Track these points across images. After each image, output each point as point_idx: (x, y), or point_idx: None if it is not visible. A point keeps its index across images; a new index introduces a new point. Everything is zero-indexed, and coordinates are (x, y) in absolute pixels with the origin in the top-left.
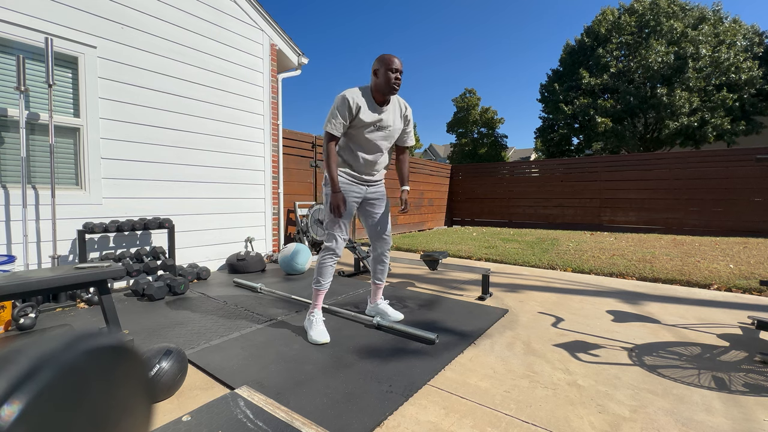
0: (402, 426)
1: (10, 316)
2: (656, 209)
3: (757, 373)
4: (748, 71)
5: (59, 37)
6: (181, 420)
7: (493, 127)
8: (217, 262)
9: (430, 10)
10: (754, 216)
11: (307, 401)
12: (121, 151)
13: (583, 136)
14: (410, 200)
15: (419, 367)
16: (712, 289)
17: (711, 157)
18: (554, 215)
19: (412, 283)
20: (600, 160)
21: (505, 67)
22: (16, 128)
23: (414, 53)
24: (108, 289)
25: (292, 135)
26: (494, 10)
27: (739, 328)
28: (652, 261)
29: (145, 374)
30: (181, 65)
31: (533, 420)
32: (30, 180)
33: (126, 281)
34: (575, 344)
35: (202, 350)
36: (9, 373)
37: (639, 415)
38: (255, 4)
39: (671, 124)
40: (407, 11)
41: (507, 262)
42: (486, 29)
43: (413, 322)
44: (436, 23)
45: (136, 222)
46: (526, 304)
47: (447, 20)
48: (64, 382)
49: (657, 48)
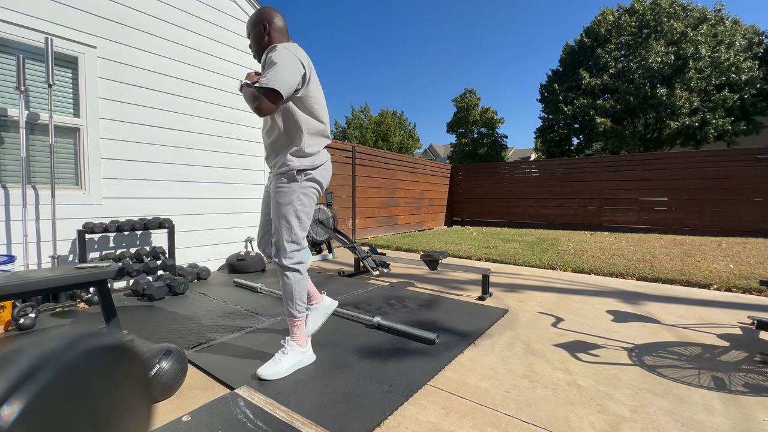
0: (402, 426)
1: (10, 316)
2: (656, 209)
3: (757, 373)
4: (748, 71)
5: (59, 37)
6: (181, 420)
7: (493, 127)
8: (217, 262)
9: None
10: (754, 216)
11: (307, 401)
12: (121, 151)
13: (583, 136)
14: (410, 200)
15: (419, 367)
16: (712, 289)
17: (711, 157)
18: (554, 215)
19: (412, 283)
20: (600, 160)
21: (505, 67)
22: (16, 128)
23: (417, 53)
24: (108, 289)
25: None
26: (493, 8)
27: (739, 328)
28: (652, 261)
29: (145, 374)
30: (181, 65)
31: (533, 420)
32: (30, 180)
33: (126, 281)
34: (575, 344)
35: (202, 350)
36: (9, 373)
37: (639, 415)
38: (255, 4)
39: (672, 124)
40: (409, 13)
41: (507, 262)
42: (486, 29)
43: (413, 322)
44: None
45: (136, 222)
46: (526, 304)
47: (448, 19)
48: (64, 382)
49: (657, 48)
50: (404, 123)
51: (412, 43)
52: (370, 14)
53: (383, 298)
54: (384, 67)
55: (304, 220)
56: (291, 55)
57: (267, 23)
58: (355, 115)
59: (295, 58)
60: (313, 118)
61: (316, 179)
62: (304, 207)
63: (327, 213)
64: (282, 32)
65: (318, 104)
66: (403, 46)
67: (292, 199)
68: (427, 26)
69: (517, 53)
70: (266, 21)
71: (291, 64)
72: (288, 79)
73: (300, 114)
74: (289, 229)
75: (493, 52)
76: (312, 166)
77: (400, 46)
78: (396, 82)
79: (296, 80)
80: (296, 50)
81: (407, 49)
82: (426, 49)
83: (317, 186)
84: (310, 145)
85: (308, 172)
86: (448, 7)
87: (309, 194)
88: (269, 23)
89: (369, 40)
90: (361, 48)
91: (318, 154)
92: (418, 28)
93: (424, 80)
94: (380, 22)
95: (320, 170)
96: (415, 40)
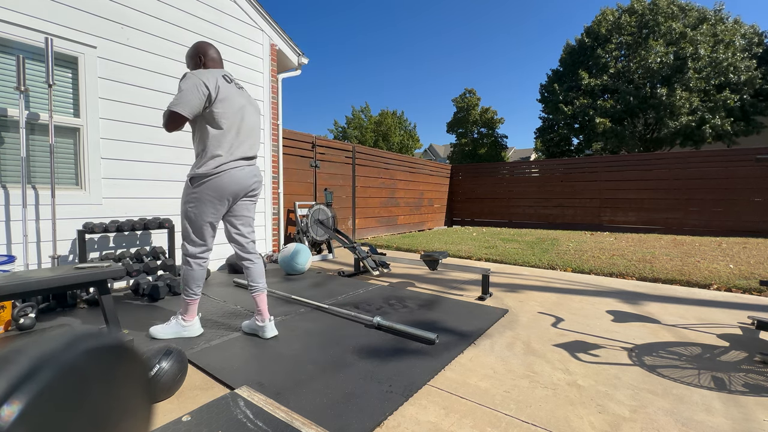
0: (402, 426)
1: (10, 316)
2: (656, 209)
3: (757, 373)
4: (747, 71)
5: (59, 37)
6: (181, 420)
7: (493, 127)
8: (217, 262)
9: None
10: (754, 216)
11: (307, 401)
12: (121, 151)
13: (583, 137)
14: (410, 200)
15: (419, 367)
16: (712, 289)
17: (711, 157)
18: (554, 215)
19: (412, 283)
20: (600, 160)
21: (505, 67)
22: (16, 128)
23: (417, 52)
24: (108, 289)
25: (292, 135)
26: (495, 10)
27: (739, 328)
28: (652, 261)
29: (145, 374)
30: (181, 65)
31: (533, 420)
32: (30, 180)
33: (126, 281)
34: (575, 344)
35: (202, 350)
36: (9, 373)
37: (639, 415)
38: (255, 4)
39: (671, 123)
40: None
41: (507, 262)
42: (486, 29)
43: (413, 322)
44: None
45: (136, 222)
46: (526, 304)
47: (448, 19)
48: (64, 382)
49: (656, 48)
50: (404, 123)
51: (414, 46)
52: (376, 19)
53: (383, 298)
54: (385, 68)
55: (195, 222)
56: (197, 81)
57: (202, 55)
58: (355, 114)
59: (201, 83)
60: (218, 131)
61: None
62: (197, 210)
63: (327, 213)
64: (216, 61)
65: (225, 119)
66: (405, 49)
67: (187, 201)
68: (430, 29)
69: (518, 54)
70: (201, 54)
71: (195, 88)
72: (190, 101)
73: (207, 127)
74: (186, 228)
75: (494, 53)
76: (207, 174)
77: (402, 50)
78: (397, 83)
79: (199, 101)
80: (208, 75)
81: (409, 51)
82: (427, 51)
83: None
84: (214, 155)
85: (206, 180)
86: (450, 11)
87: (203, 200)
88: (204, 55)
89: (373, 44)
90: (364, 51)
91: (221, 165)
92: (421, 31)
93: (425, 81)
94: (385, 26)
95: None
96: (416, 44)
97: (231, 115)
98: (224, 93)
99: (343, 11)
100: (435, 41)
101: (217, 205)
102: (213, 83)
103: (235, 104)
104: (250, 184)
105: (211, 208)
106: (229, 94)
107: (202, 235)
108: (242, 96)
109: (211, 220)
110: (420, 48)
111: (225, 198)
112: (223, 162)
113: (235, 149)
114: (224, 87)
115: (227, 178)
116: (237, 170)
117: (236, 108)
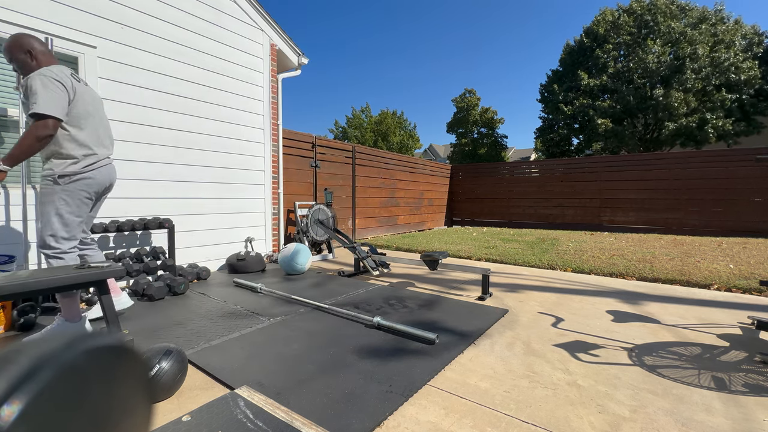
0: (402, 426)
1: (10, 316)
2: (656, 209)
3: (757, 373)
4: (747, 71)
5: (59, 37)
6: (181, 420)
7: (493, 127)
8: (217, 262)
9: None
10: (754, 216)
11: (307, 401)
12: (121, 151)
13: (582, 137)
14: (410, 200)
15: (419, 367)
16: (712, 289)
17: (711, 157)
18: (554, 215)
19: (412, 283)
20: (600, 160)
21: (505, 68)
22: (16, 128)
23: (417, 52)
24: (108, 289)
25: (292, 135)
26: (497, 11)
27: (739, 328)
28: (652, 261)
29: (145, 374)
30: (180, 65)
31: (533, 420)
32: (30, 180)
33: (126, 281)
34: (575, 344)
35: (202, 350)
36: (9, 373)
37: (639, 415)
38: (255, 4)
39: (670, 125)
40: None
41: (507, 262)
42: (487, 31)
43: (413, 322)
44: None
45: (136, 222)
46: (526, 304)
47: (448, 20)
48: (64, 382)
49: (654, 48)
50: (404, 123)
51: (415, 48)
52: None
53: (383, 298)
54: (386, 69)
55: (66, 217)
56: (52, 81)
57: (30, 49)
58: (355, 115)
59: (58, 83)
60: (78, 129)
61: (81, 183)
62: (68, 207)
63: (327, 213)
64: (47, 54)
65: (83, 118)
66: (407, 51)
67: (53, 199)
68: (432, 32)
69: (518, 55)
70: (28, 48)
71: (56, 88)
72: (58, 101)
73: (66, 126)
74: (50, 224)
75: (495, 54)
76: (75, 172)
77: (404, 51)
78: (397, 84)
79: (65, 100)
80: (60, 72)
81: (411, 53)
82: (429, 53)
83: (85, 189)
84: (75, 152)
85: (73, 176)
86: (452, 14)
87: (74, 196)
88: (32, 49)
89: (374, 46)
90: (365, 53)
91: (82, 161)
92: (423, 34)
93: (426, 82)
94: (387, 29)
95: (87, 175)
96: (418, 45)
97: (86, 113)
98: (79, 89)
99: (345, 15)
100: (436, 43)
101: (87, 201)
102: (68, 81)
103: (90, 101)
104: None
105: (83, 203)
106: (83, 89)
107: (68, 232)
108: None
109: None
110: (421, 50)
111: (89, 194)
112: (88, 157)
113: (99, 145)
114: (74, 84)
115: (100, 174)
116: (100, 166)
117: (92, 105)
